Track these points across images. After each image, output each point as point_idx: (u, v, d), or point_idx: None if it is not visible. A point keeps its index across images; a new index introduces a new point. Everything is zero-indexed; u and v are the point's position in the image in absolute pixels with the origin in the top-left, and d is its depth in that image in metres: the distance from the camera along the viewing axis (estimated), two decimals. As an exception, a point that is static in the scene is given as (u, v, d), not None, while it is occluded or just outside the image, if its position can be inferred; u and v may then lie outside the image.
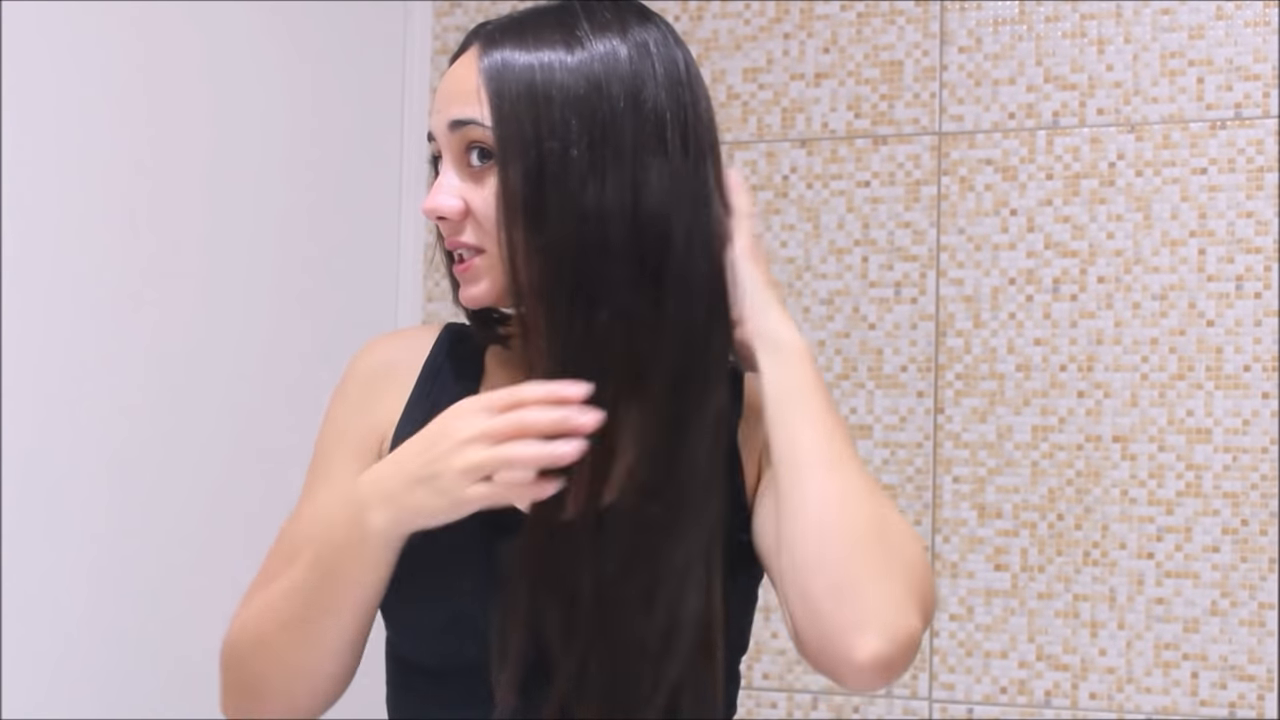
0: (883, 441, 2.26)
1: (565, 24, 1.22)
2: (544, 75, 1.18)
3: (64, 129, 1.76)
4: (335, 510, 1.20)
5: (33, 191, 1.71)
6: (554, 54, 1.19)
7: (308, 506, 1.29)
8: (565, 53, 1.19)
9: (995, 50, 2.25)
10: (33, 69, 1.70)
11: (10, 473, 1.68)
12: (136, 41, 1.86)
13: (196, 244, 1.96)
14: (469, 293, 1.24)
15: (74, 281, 1.78)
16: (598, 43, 1.20)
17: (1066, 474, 2.18)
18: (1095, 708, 2.16)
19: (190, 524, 1.93)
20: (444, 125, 1.23)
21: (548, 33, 1.21)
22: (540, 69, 1.19)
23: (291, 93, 2.15)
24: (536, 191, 1.17)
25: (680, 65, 1.22)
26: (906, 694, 2.23)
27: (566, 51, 1.19)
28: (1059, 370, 2.19)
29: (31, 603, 1.70)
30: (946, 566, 2.22)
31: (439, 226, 1.25)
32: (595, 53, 1.19)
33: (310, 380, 2.17)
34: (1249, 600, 2.10)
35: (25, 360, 1.69)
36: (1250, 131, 2.13)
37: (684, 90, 1.21)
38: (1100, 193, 2.19)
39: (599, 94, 1.18)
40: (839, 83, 2.31)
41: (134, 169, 1.86)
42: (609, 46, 1.20)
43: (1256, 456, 2.11)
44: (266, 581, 1.26)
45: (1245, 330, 2.12)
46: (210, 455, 1.97)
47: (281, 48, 2.13)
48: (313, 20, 2.18)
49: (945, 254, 2.25)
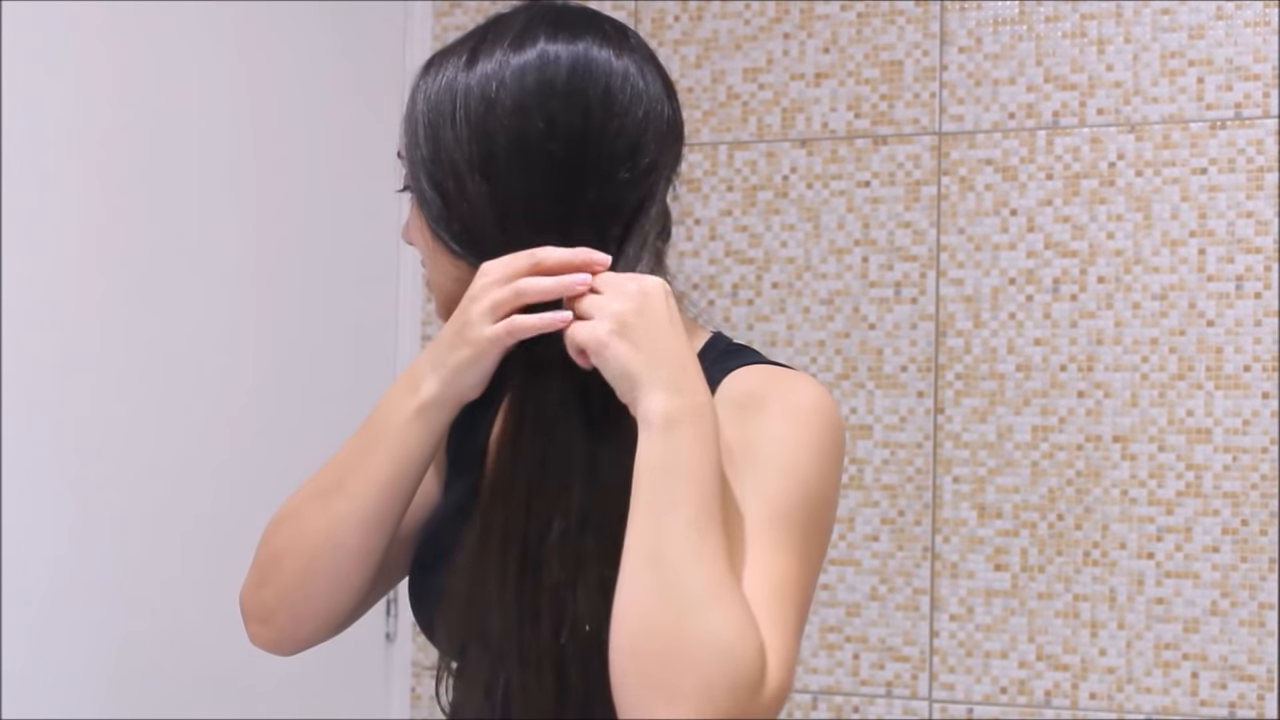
0: (883, 441, 2.26)
1: (479, 37, 1.25)
2: (437, 96, 1.24)
3: (64, 129, 1.76)
4: (394, 387, 1.24)
5: (33, 191, 1.71)
6: (453, 74, 1.23)
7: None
8: (466, 71, 1.23)
9: (995, 50, 2.25)
10: (33, 69, 1.71)
11: (10, 473, 1.68)
12: (136, 42, 1.86)
13: (194, 244, 1.96)
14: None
15: (74, 282, 1.78)
16: (513, 55, 1.22)
17: (1066, 474, 2.18)
18: (1095, 708, 2.16)
19: (192, 524, 1.93)
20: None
21: (456, 53, 1.25)
22: (439, 90, 1.24)
23: (291, 93, 2.15)
24: (439, 204, 1.25)
25: (552, 82, 1.22)
26: (906, 694, 2.23)
27: (467, 69, 1.23)
28: (1059, 370, 2.19)
29: (32, 602, 1.70)
30: (946, 566, 2.22)
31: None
32: (485, 70, 1.22)
33: (310, 380, 2.17)
34: (1249, 600, 2.10)
35: (25, 360, 1.69)
36: (1250, 131, 2.13)
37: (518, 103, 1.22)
38: (1100, 193, 2.19)
39: (481, 106, 1.22)
40: (839, 83, 2.31)
41: (132, 169, 1.86)
42: (516, 60, 1.23)
43: (1256, 456, 2.11)
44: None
45: (1245, 330, 2.12)
46: (212, 456, 1.97)
47: (282, 48, 2.13)
48: (313, 20, 2.18)
49: (945, 254, 2.25)
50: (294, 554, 1.25)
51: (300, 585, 1.25)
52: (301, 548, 1.24)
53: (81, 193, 1.78)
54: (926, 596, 2.23)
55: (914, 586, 2.24)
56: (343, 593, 1.26)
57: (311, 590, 1.25)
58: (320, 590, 1.25)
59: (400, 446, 1.22)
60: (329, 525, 1.23)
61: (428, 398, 1.20)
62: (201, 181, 1.97)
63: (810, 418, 1.20)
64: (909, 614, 2.24)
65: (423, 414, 1.21)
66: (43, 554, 1.73)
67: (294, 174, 2.15)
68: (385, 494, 1.23)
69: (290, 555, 1.25)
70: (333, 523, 1.23)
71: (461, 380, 1.19)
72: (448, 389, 1.20)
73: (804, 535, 1.17)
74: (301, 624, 1.27)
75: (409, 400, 1.21)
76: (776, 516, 1.16)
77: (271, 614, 1.27)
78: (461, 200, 1.21)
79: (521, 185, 1.20)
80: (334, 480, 1.24)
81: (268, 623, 1.27)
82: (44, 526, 1.73)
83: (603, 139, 1.20)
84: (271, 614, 1.27)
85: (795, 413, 1.20)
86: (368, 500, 1.23)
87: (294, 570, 1.25)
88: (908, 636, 2.24)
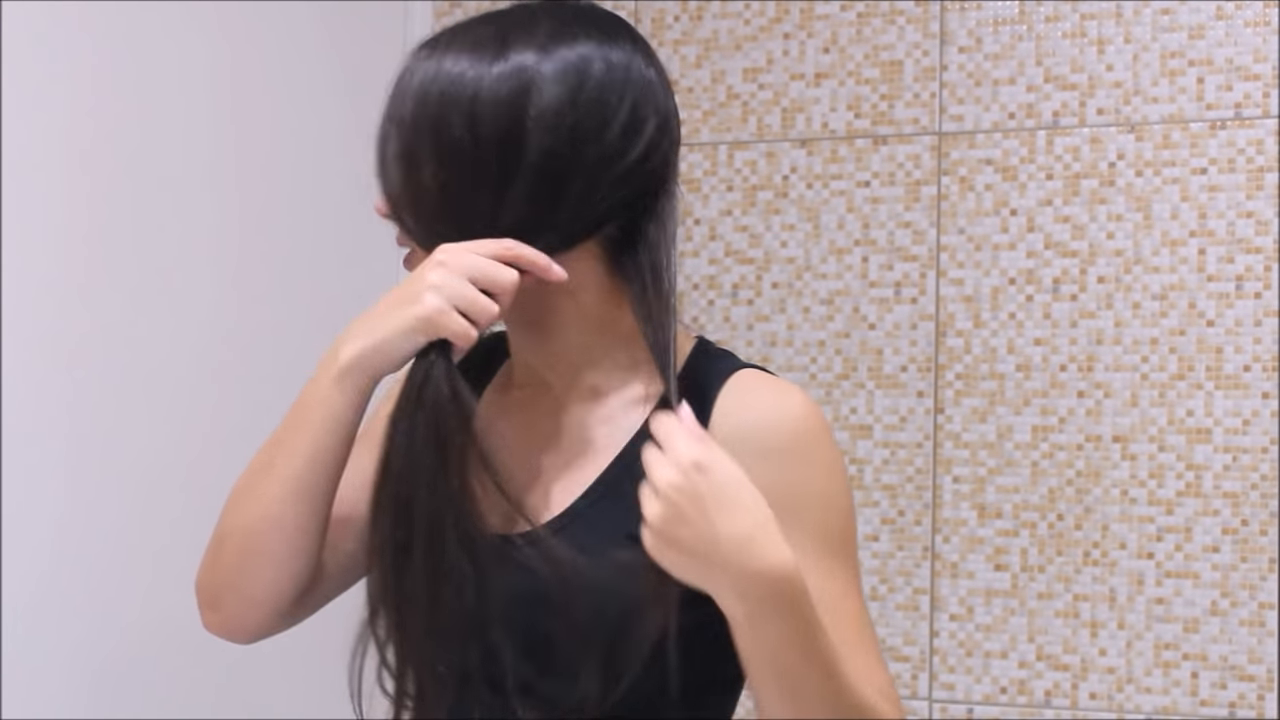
0: (883, 441, 2.26)
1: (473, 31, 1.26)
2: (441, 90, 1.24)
3: (64, 129, 1.76)
4: (320, 359, 1.25)
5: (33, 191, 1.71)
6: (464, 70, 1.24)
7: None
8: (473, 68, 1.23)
9: (995, 50, 2.25)
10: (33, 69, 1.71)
11: (10, 473, 1.68)
12: (136, 43, 1.86)
13: (193, 244, 1.96)
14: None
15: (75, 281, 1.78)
16: (498, 62, 1.23)
17: (1066, 474, 2.18)
18: (1095, 708, 2.16)
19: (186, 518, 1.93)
20: None
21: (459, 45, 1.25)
22: (444, 83, 1.24)
23: (291, 92, 2.15)
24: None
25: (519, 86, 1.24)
26: (907, 694, 2.23)
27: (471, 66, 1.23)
28: (1059, 370, 2.19)
29: (32, 603, 1.70)
30: (946, 567, 2.22)
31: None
32: (496, 73, 1.23)
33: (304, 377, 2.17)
34: (1249, 600, 2.10)
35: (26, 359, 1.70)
36: (1250, 131, 2.13)
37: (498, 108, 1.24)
38: (1100, 193, 2.19)
39: (470, 108, 1.23)
40: (839, 83, 2.31)
41: (132, 169, 1.86)
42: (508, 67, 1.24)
43: (1256, 456, 2.11)
44: None
45: (1245, 330, 2.12)
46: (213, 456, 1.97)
47: (281, 47, 2.13)
48: (312, 20, 2.19)
49: (945, 254, 2.25)
50: (234, 533, 1.26)
51: (240, 565, 1.26)
52: (240, 525, 1.25)
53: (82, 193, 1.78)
54: (926, 596, 2.23)
55: (914, 586, 2.24)
56: (284, 572, 1.26)
57: (251, 570, 1.26)
58: (260, 569, 1.25)
59: (320, 415, 1.22)
60: (262, 502, 1.24)
61: (346, 358, 1.21)
62: (199, 181, 1.98)
63: (814, 443, 1.22)
64: (909, 614, 2.24)
65: (340, 380, 1.21)
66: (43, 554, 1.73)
67: (294, 174, 2.15)
68: (309, 466, 1.23)
69: (230, 535, 1.26)
70: (265, 500, 1.24)
71: (385, 349, 1.20)
72: (366, 357, 1.21)
73: (849, 555, 1.22)
74: (249, 609, 1.27)
75: (328, 364, 1.23)
76: (826, 553, 1.19)
77: (218, 598, 1.28)
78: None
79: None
80: (266, 458, 1.25)
81: (217, 608, 1.28)
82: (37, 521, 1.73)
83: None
84: (218, 598, 1.28)
85: (805, 448, 1.22)
86: (292, 473, 1.23)
87: (234, 550, 1.26)
88: (908, 636, 2.24)
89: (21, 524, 1.69)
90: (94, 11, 1.79)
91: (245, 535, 1.25)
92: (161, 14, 1.89)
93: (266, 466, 1.25)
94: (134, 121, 1.86)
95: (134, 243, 1.86)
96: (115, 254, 1.83)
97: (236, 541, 1.26)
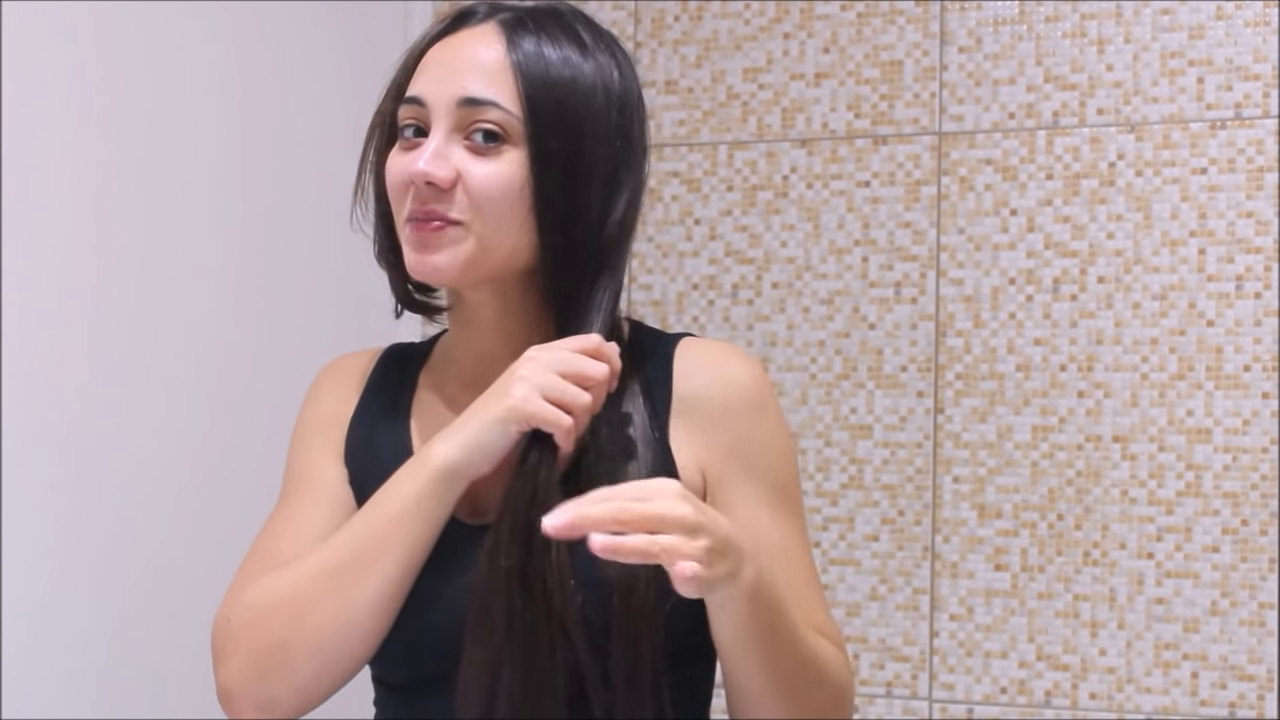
0: (883, 441, 2.26)
1: (573, 29, 1.28)
2: (574, 74, 1.25)
3: (65, 130, 1.76)
4: (397, 473, 1.23)
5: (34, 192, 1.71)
6: (576, 57, 1.26)
7: (283, 511, 1.31)
8: (581, 58, 1.26)
9: (995, 50, 2.25)
10: (33, 69, 1.71)
11: (11, 473, 1.68)
12: (136, 43, 1.86)
13: (192, 245, 1.96)
14: (434, 261, 1.26)
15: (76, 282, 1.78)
16: (600, 55, 1.28)
17: (1066, 474, 2.18)
18: (1095, 708, 2.16)
19: (193, 524, 1.93)
20: (451, 98, 1.26)
21: (564, 34, 1.27)
22: (571, 69, 1.25)
23: (291, 93, 2.16)
24: (560, 183, 1.24)
25: (635, 95, 1.30)
26: (906, 694, 2.23)
27: (582, 57, 1.26)
28: (1059, 370, 2.19)
29: (32, 602, 1.71)
30: (946, 566, 2.22)
31: (412, 191, 1.27)
32: (601, 64, 1.27)
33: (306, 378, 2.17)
34: (1249, 600, 2.10)
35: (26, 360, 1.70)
36: (1250, 131, 2.13)
37: (636, 119, 1.30)
38: (1100, 193, 2.19)
39: (606, 103, 1.26)
40: (839, 83, 2.31)
41: (132, 170, 1.86)
42: (606, 61, 1.28)
43: (1256, 456, 2.11)
44: (253, 576, 1.25)
45: (1245, 330, 2.12)
46: (213, 456, 1.97)
47: (281, 47, 2.13)
48: (312, 20, 2.19)
49: (945, 254, 2.25)
50: (305, 643, 1.20)
51: (318, 674, 1.21)
52: (313, 637, 1.20)
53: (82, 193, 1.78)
54: (926, 596, 2.23)
55: (914, 586, 2.24)
56: (352, 673, 1.24)
57: (328, 679, 1.22)
58: (336, 676, 1.22)
59: (418, 522, 1.20)
60: (343, 609, 1.19)
61: (440, 457, 1.20)
62: (199, 181, 1.98)
63: (766, 398, 1.30)
64: (909, 614, 2.24)
65: (436, 484, 1.20)
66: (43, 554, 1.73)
67: (294, 175, 2.15)
68: (405, 573, 1.20)
69: (301, 645, 1.20)
70: (347, 606, 1.19)
71: (481, 441, 1.19)
72: (462, 453, 1.20)
73: (796, 500, 1.30)
74: (304, 706, 1.24)
75: (418, 469, 1.21)
76: (780, 499, 1.28)
77: (275, 703, 1.22)
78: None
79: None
80: (342, 561, 1.20)
81: (268, 710, 1.23)
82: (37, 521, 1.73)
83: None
84: (275, 703, 1.22)
85: (759, 403, 1.29)
86: (385, 581, 1.20)
87: (307, 659, 1.20)
88: (908, 636, 2.24)
89: (21, 524, 1.69)
90: (94, 12, 1.80)
91: (322, 647, 1.20)
92: (162, 15, 1.90)
93: (345, 571, 1.20)
94: (133, 122, 1.86)
95: (135, 244, 1.86)
96: (116, 255, 1.84)
97: (311, 653, 1.20)
